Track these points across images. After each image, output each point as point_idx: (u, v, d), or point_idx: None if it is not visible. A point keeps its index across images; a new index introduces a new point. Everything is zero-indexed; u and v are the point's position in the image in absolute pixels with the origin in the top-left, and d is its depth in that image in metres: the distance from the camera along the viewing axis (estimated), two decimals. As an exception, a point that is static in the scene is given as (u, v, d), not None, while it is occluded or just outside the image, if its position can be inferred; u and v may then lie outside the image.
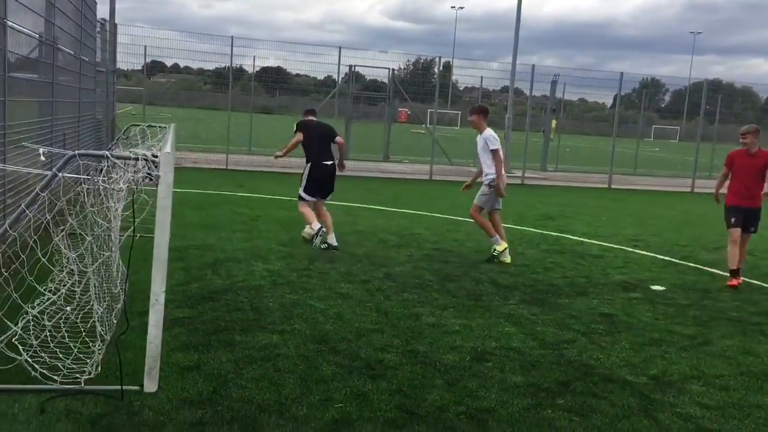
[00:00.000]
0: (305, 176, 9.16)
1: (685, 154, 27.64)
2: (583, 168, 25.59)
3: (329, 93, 22.51)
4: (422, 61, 50.76)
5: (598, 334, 6.09)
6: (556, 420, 4.28)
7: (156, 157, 4.10)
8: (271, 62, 28.39)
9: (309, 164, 9.09)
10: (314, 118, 9.47)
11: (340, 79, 21.82)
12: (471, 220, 12.21)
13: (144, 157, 4.07)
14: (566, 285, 7.86)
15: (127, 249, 4.91)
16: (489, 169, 8.83)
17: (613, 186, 20.74)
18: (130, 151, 4.13)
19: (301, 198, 9.21)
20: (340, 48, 19.65)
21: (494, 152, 8.73)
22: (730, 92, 44.75)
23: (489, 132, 8.90)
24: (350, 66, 22.12)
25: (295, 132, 9.37)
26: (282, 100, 38.01)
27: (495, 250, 8.87)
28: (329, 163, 9.15)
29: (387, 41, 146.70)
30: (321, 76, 31.43)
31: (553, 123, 30.33)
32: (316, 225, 8.92)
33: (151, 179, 4.13)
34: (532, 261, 9.05)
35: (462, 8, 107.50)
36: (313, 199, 9.19)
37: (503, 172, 8.81)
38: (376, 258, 8.59)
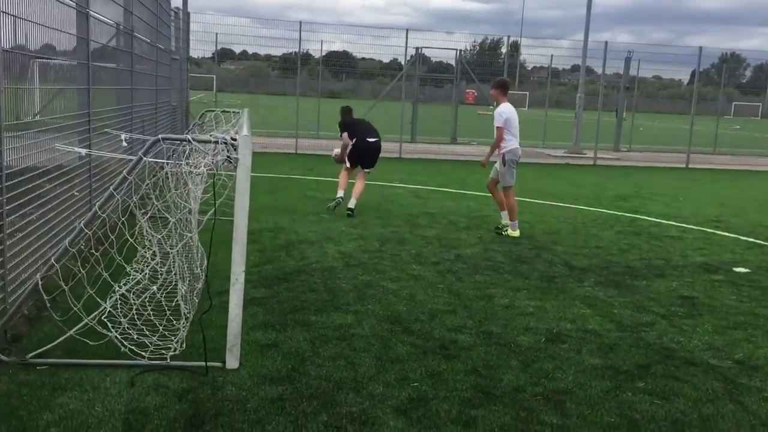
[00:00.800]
0: (350, 147, 10.13)
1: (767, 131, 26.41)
2: (657, 147, 24.79)
3: (394, 76, 22.47)
4: (489, 41, 50.12)
5: (679, 317, 5.92)
6: (636, 403, 4.19)
7: (235, 140, 4.19)
8: (337, 46, 28.61)
9: (355, 140, 10.09)
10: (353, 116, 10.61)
11: (405, 62, 21.74)
12: (542, 202, 12.04)
13: (224, 140, 4.17)
14: (643, 267, 7.66)
15: (205, 232, 5.06)
16: (504, 144, 8.99)
17: (691, 165, 20.02)
18: (211, 135, 4.24)
19: (344, 165, 10.25)
20: (407, 30, 19.56)
21: (497, 129, 8.92)
22: (818, 65, 42.37)
23: (500, 107, 9.07)
24: (417, 48, 22.00)
25: (341, 134, 10.40)
26: (348, 84, 38.20)
27: (501, 224, 9.13)
28: (374, 139, 10.11)
29: (454, 22, 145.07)
30: (386, 59, 31.42)
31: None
32: (340, 193, 9.98)
33: (230, 162, 4.23)
34: (607, 243, 8.85)
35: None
36: (355, 167, 10.15)
37: (495, 149, 9.11)
38: (446, 240, 8.57)
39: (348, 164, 10.16)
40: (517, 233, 8.92)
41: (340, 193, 9.99)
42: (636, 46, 24.38)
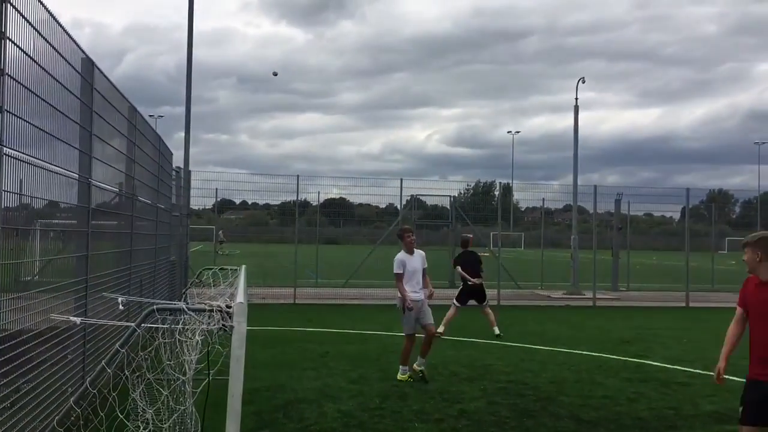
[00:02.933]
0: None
1: (764, 266, 26.53)
2: (656, 286, 24.78)
3: (391, 221, 22.89)
4: (482, 184, 51.59)
5: (696, 476, 5.63)
6: None
7: (230, 307, 4.16)
8: (335, 194, 29.30)
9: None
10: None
11: (402, 207, 22.22)
12: (544, 348, 11.85)
13: (218, 308, 4.14)
14: (653, 418, 7.40)
15: (200, 395, 4.90)
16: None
17: (691, 304, 19.92)
18: (205, 303, 4.22)
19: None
20: (401, 179, 20.17)
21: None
22: (804, 200, 43.33)
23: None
24: (411, 195, 22.56)
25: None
26: (346, 230, 38.78)
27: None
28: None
29: (446, 167, 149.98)
30: (383, 205, 32.12)
31: None
32: (441, 329, 11.77)
33: (225, 330, 4.18)
34: (614, 391, 8.60)
35: (518, 132, 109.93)
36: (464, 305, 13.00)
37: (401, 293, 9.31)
38: (448, 393, 8.33)
39: (458, 304, 12.88)
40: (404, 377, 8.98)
41: (441, 329, 11.80)
42: (625, 188, 25.04)
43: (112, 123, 7.68)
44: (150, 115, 51.84)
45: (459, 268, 13.47)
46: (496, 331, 12.98)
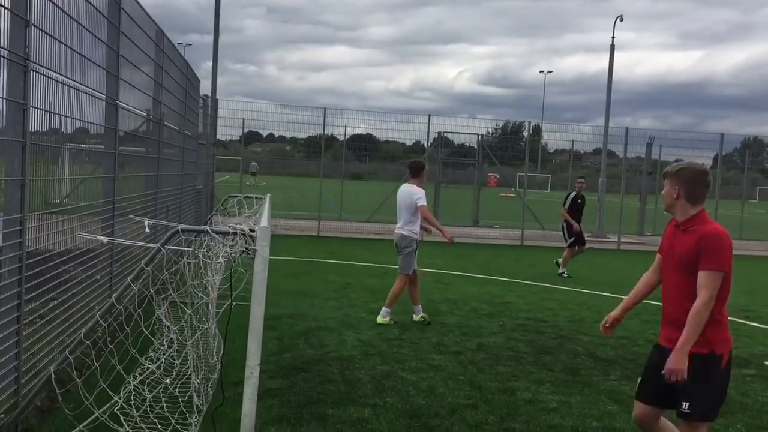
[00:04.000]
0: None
1: (795, 216, 26.09)
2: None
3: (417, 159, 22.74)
4: (511, 125, 50.86)
5: (710, 416, 5.66)
6: None
7: (253, 231, 4.19)
8: (361, 130, 29.14)
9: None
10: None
11: (429, 145, 22.05)
12: (565, 288, 11.85)
13: (242, 231, 4.17)
14: (671, 359, 7.41)
15: (223, 318, 5.01)
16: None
17: (716, 251, 19.73)
18: (229, 226, 4.24)
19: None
20: (429, 116, 19.91)
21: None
22: (844, 149, 42.23)
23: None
24: (439, 132, 22.33)
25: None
26: (371, 166, 38.72)
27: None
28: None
29: (476, 106, 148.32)
30: (409, 142, 31.93)
31: None
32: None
33: (248, 253, 4.22)
34: (633, 333, 8.62)
35: (551, 72, 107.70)
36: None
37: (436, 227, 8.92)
38: (468, 328, 8.41)
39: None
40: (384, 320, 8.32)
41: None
42: (657, 131, 24.53)
43: (140, 46, 7.62)
44: (179, 43, 51.47)
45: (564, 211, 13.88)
46: (565, 273, 13.39)
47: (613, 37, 23.53)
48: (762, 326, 9.48)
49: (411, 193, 8.52)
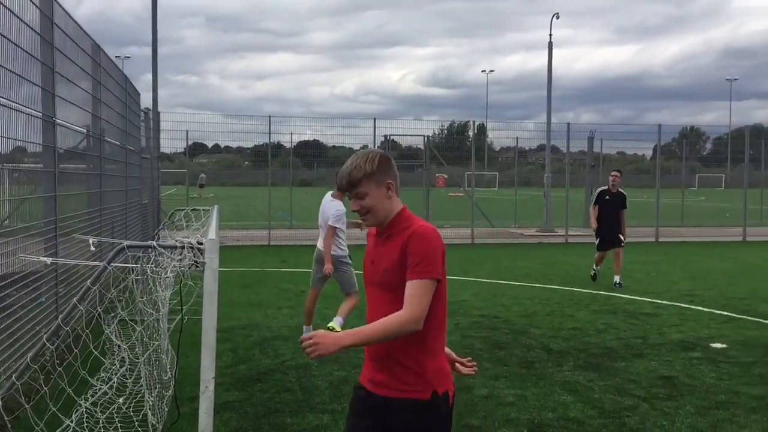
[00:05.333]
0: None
1: (732, 201, 27.04)
2: (628, 222, 25.18)
3: (367, 163, 22.79)
4: (456, 125, 51.35)
5: (660, 399, 5.84)
6: (623, 496, 4.06)
7: (201, 244, 4.15)
8: (308, 136, 29.06)
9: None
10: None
11: (376, 148, 22.13)
12: (517, 284, 12.02)
13: (189, 245, 4.13)
14: (621, 347, 7.62)
15: (174, 333, 4.94)
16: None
17: (660, 239, 20.31)
18: (176, 240, 4.19)
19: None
20: (374, 119, 20.00)
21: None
22: (773, 136, 43.91)
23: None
24: (385, 136, 22.43)
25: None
26: (320, 172, 38.63)
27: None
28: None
29: (421, 108, 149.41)
30: (357, 147, 31.98)
31: None
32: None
33: (197, 266, 4.18)
34: (584, 323, 8.82)
35: (492, 71, 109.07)
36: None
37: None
38: (423, 328, 8.46)
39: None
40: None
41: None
42: (598, 125, 25.13)
43: (75, 61, 7.46)
44: (116, 56, 50.47)
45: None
46: (616, 279, 11.70)
47: (550, 35, 24.03)
48: (705, 309, 9.80)
49: (329, 210, 7.58)
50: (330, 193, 7.86)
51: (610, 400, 5.81)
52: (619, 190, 11.85)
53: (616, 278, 11.65)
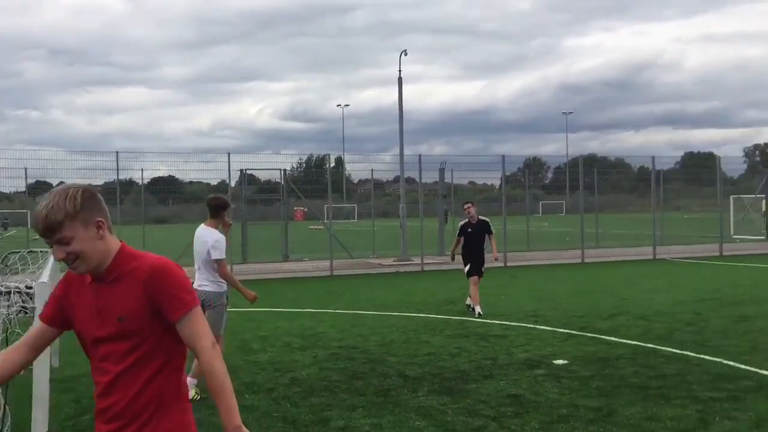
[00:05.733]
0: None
1: (572, 225, 29.03)
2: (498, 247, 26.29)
3: (223, 198, 22.37)
4: (315, 158, 51.66)
5: (508, 417, 6.11)
6: None
7: (30, 288, 3.89)
8: (162, 172, 28.07)
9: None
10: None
11: (233, 184, 21.81)
12: (374, 313, 12.17)
13: (17, 289, 3.85)
14: (473, 369, 7.90)
15: (6, 386, 4.56)
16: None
17: (509, 264, 21.37)
18: (2, 285, 3.91)
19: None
20: (229, 154, 19.72)
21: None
22: (606, 165, 47.91)
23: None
24: (241, 170, 22.17)
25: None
26: (176, 209, 37.37)
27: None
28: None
29: (279, 142, 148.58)
30: (214, 182, 31.34)
31: None
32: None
33: (26, 312, 3.91)
34: (438, 348, 9.07)
35: (348, 105, 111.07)
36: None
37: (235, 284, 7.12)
38: (280, 363, 8.36)
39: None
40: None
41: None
42: (449, 157, 26.28)
43: None
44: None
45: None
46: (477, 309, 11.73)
47: (400, 71, 24.91)
48: (549, 328, 10.40)
49: (207, 238, 6.94)
50: (202, 224, 7.20)
51: (461, 422, 5.99)
52: (480, 218, 12.28)
53: (478, 309, 11.74)
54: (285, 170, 24.00)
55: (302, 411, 6.41)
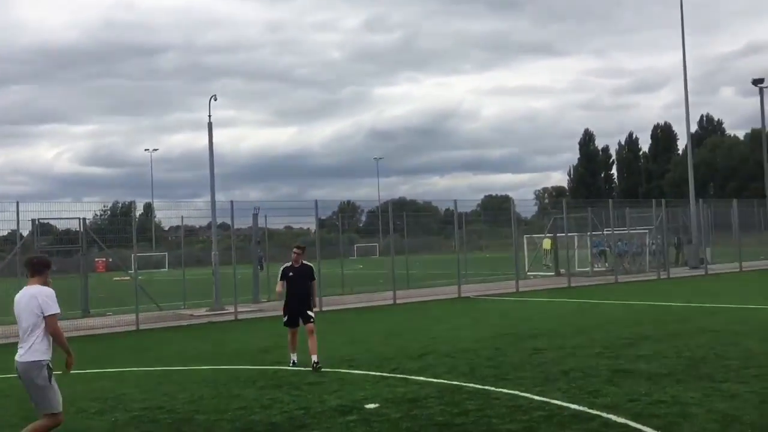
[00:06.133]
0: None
1: (385, 267, 29.87)
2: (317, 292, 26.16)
3: (12, 250, 20.34)
4: (120, 205, 48.91)
5: (319, 468, 6.02)
6: None
7: None
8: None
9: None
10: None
11: (26, 234, 19.98)
12: (184, 368, 11.57)
13: None
14: (285, 421, 7.75)
15: None
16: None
17: (324, 308, 21.43)
18: None
19: None
20: (17, 202, 18.07)
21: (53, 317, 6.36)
22: (416, 208, 50.11)
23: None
24: (33, 220, 20.37)
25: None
26: (-44, 264, 33.47)
27: None
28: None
29: (80, 188, 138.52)
30: (5, 232, 28.60)
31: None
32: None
33: None
34: (250, 401, 8.80)
35: (156, 150, 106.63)
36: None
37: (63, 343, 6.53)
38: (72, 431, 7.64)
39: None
40: None
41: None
42: (264, 202, 26.13)
43: None
44: None
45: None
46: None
47: (209, 115, 24.37)
48: (362, 372, 10.50)
49: (36, 297, 6.26)
50: (26, 287, 6.41)
51: (271, 479, 5.81)
52: (304, 263, 11.45)
53: (314, 357, 10.80)
54: (85, 219, 22.41)
55: (97, 484, 5.87)
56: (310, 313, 11.23)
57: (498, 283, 27.78)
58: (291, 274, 11.36)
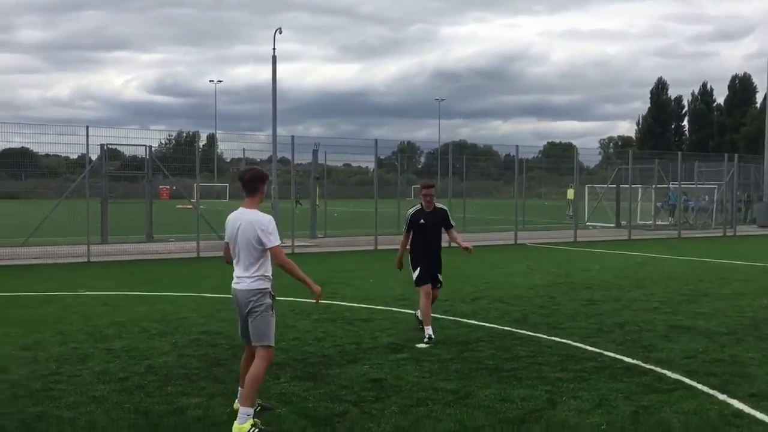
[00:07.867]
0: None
1: (442, 210, 29.86)
2: (351, 232, 26.45)
3: (82, 173, 21.03)
4: (185, 135, 49.82)
5: (369, 402, 6.14)
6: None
7: None
8: (16, 144, 26.01)
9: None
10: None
11: (94, 158, 20.57)
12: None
13: None
14: (337, 354, 7.90)
15: None
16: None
17: (379, 247, 21.60)
18: None
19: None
20: (87, 127, 18.53)
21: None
22: (475, 152, 49.53)
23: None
24: (101, 145, 20.94)
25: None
26: (29, 184, 34.89)
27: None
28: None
29: (147, 116, 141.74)
30: (73, 156, 29.53)
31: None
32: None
33: None
34: (303, 333, 8.99)
35: (221, 81, 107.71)
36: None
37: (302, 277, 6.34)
38: (136, 351, 7.97)
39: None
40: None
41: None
42: (324, 139, 26.12)
43: None
44: None
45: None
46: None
47: (274, 49, 24.35)
48: (414, 312, 10.57)
49: (255, 223, 5.76)
50: (240, 207, 6.01)
51: (322, 408, 5.96)
52: (437, 206, 9.22)
53: (428, 330, 8.61)
54: (151, 147, 22.94)
55: (157, 401, 6.14)
56: (440, 276, 9.12)
57: (556, 232, 27.43)
58: (422, 221, 9.05)
